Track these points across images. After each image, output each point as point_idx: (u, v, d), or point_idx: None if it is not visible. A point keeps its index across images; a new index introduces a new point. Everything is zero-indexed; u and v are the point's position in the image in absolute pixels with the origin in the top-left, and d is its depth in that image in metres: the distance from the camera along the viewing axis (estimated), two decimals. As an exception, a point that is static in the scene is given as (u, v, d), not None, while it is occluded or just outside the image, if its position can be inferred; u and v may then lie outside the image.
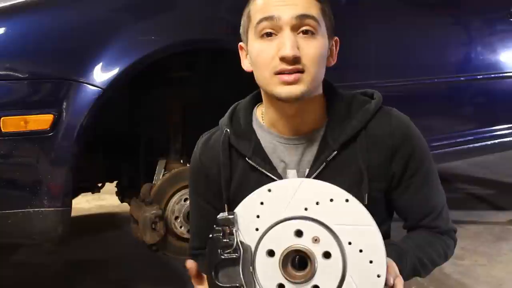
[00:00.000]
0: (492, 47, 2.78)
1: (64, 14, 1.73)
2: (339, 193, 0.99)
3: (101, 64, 1.67)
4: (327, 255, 0.97)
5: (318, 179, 1.13)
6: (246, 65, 1.18)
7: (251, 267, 1.01)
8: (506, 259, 2.69)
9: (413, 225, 1.22)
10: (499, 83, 2.88)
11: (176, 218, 2.08)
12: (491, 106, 2.89)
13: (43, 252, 2.80)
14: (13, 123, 1.60)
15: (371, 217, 0.99)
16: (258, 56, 1.10)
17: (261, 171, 1.17)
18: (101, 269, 2.66)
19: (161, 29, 1.80)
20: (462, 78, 2.71)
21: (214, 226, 1.01)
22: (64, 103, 1.63)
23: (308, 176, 1.15)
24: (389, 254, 1.09)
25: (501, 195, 3.72)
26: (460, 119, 2.79)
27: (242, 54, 1.20)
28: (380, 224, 1.20)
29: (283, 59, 1.06)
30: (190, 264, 1.07)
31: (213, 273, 1.01)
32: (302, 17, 1.07)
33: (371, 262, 0.97)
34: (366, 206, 1.13)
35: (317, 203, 0.99)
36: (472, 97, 2.82)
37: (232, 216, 1.01)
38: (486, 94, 2.87)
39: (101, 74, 1.67)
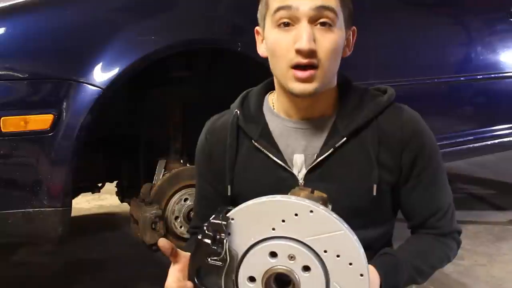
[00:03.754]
0: (492, 47, 2.78)
1: (64, 14, 1.73)
2: (302, 206, 0.98)
3: (101, 64, 1.67)
4: (306, 268, 0.98)
5: (326, 166, 1.14)
6: (261, 50, 1.17)
7: (233, 276, 1.01)
8: (506, 259, 2.69)
9: (418, 224, 1.22)
10: (499, 83, 2.88)
11: (176, 218, 2.08)
12: (491, 106, 2.89)
13: (43, 252, 2.80)
14: (13, 123, 1.60)
15: (340, 221, 0.98)
16: (275, 46, 1.09)
17: (266, 154, 1.17)
18: (101, 269, 2.66)
19: (161, 29, 1.80)
20: (462, 78, 2.71)
21: (205, 227, 0.99)
22: (64, 103, 1.63)
23: (314, 161, 1.14)
24: (384, 266, 1.10)
25: (501, 195, 3.73)
26: (460, 119, 2.79)
27: (258, 39, 1.18)
28: (384, 222, 1.21)
29: (299, 52, 1.05)
30: (162, 242, 1.03)
31: (195, 273, 1.01)
32: (321, 9, 1.05)
33: (350, 264, 0.98)
34: (374, 198, 1.14)
35: (283, 221, 0.98)
36: (472, 97, 2.82)
37: (225, 223, 0.99)
38: (486, 94, 2.87)
39: (101, 74, 1.67)
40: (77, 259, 2.77)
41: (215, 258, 0.99)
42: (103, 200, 3.60)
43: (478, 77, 2.75)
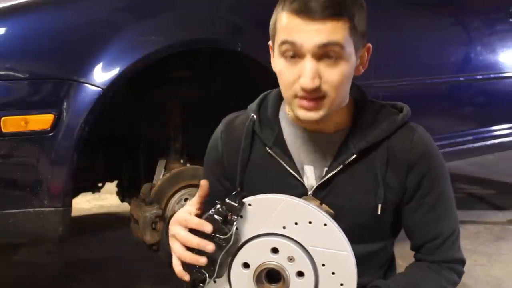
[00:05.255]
0: (492, 47, 2.78)
1: (64, 14, 1.73)
2: (319, 217, 1.01)
3: (101, 64, 1.68)
4: (300, 274, 1.01)
5: (334, 181, 1.15)
6: (273, 65, 1.16)
7: (230, 258, 1.03)
8: (506, 259, 2.70)
9: (417, 247, 1.21)
10: (499, 83, 2.88)
11: (176, 218, 2.08)
12: (491, 106, 2.89)
13: (43, 252, 2.80)
14: (14, 123, 1.60)
15: (347, 243, 1.01)
16: (280, 75, 1.10)
17: (279, 162, 1.17)
18: (101, 268, 2.66)
19: (161, 29, 1.80)
20: (462, 78, 2.71)
21: (219, 206, 1.01)
22: (65, 103, 1.63)
23: (324, 176, 1.15)
24: None
25: (501, 195, 3.73)
26: (460, 119, 2.79)
27: (271, 53, 1.17)
28: (386, 238, 1.21)
29: (303, 88, 1.05)
30: (205, 182, 1.08)
31: None
32: (326, 45, 1.03)
33: (341, 285, 1.00)
34: (378, 216, 1.14)
35: (295, 223, 1.01)
36: (472, 97, 2.82)
37: (240, 207, 1.01)
38: (486, 94, 2.87)
39: (101, 74, 1.67)
40: (77, 259, 2.78)
41: (220, 236, 1.00)
42: (103, 200, 3.60)
43: (478, 77, 2.75)
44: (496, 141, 2.84)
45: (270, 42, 1.17)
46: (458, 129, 2.73)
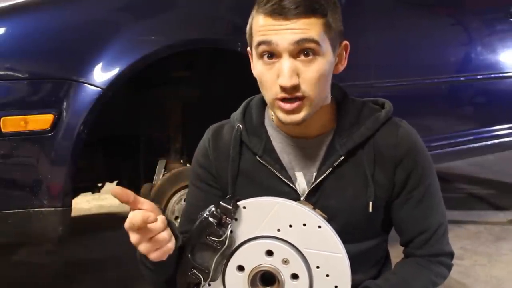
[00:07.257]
0: (492, 47, 2.78)
1: (64, 14, 1.73)
2: (313, 219, 1.02)
3: (101, 64, 1.68)
4: (295, 276, 1.01)
5: (324, 184, 1.15)
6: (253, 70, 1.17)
7: (224, 261, 1.04)
8: (506, 259, 2.69)
9: (406, 242, 1.22)
10: (499, 83, 2.88)
11: (176, 218, 2.08)
12: (491, 106, 2.89)
13: (43, 252, 2.80)
14: (13, 123, 1.60)
15: (341, 245, 1.02)
16: (260, 77, 1.10)
17: (270, 170, 1.17)
18: (101, 268, 2.66)
19: (161, 29, 1.80)
20: (462, 78, 2.71)
21: (213, 208, 1.02)
22: (64, 103, 1.63)
23: (315, 180, 1.15)
24: None
25: (501, 195, 3.72)
26: (460, 119, 2.79)
27: (251, 59, 1.18)
28: (378, 235, 1.22)
29: (282, 88, 1.06)
30: (115, 190, 0.95)
31: (190, 249, 1.04)
32: (301, 42, 1.04)
33: (336, 287, 1.01)
34: (370, 214, 1.15)
35: (290, 226, 1.02)
36: (472, 97, 2.82)
37: (234, 210, 1.01)
38: (486, 94, 2.87)
39: (101, 74, 1.67)
40: (77, 259, 2.77)
41: (214, 239, 1.00)
42: (103, 200, 3.60)
43: (478, 77, 2.75)
44: (496, 141, 2.84)
45: (249, 49, 1.18)
46: (458, 129, 2.73)
